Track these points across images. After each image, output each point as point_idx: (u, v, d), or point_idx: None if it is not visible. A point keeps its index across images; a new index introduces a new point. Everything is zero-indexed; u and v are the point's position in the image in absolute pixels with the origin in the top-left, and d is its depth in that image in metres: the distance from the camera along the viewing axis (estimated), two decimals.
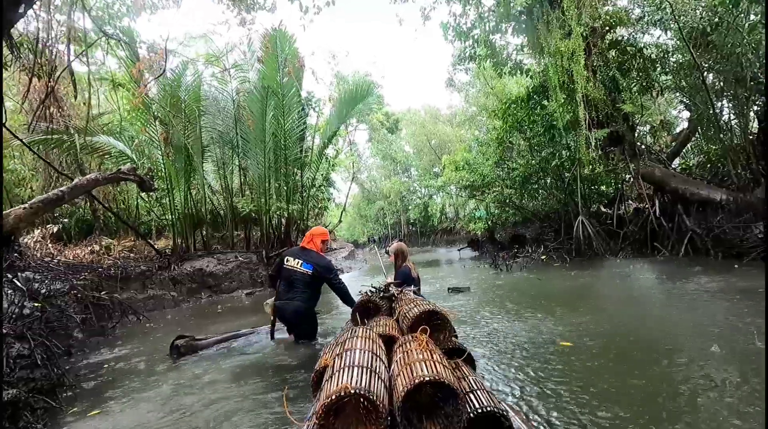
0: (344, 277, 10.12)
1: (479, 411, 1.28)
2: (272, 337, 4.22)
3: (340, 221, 19.29)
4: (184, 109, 9.69)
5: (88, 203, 10.44)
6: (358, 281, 9.19)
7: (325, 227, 19.64)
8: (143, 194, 11.13)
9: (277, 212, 10.57)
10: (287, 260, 3.93)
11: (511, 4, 9.08)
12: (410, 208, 33.92)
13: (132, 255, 9.40)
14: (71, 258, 8.02)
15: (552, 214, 12.96)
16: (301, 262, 3.87)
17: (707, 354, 2.90)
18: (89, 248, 8.97)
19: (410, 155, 34.42)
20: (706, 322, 3.72)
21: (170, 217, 10.18)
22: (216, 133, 10.73)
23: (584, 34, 8.68)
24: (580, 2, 8.51)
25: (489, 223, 16.54)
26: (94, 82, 11.72)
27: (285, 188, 10.89)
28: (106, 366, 3.87)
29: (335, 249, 16.75)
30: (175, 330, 5.38)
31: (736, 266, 6.72)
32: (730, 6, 6.62)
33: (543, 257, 10.76)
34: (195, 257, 9.85)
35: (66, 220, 10.51)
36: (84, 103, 9.91)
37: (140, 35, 10.69)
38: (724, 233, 7.91)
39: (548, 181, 12.62)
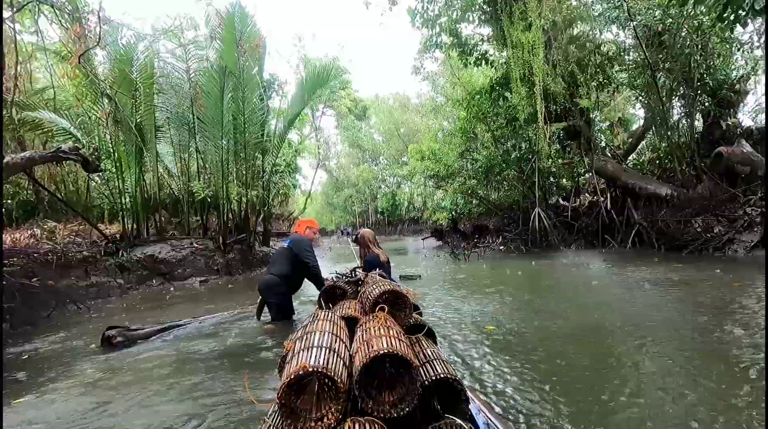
0: None
1: (433, 378, 1.37)
2: (258, 318, 4.34)
3: (304, 208, 18.98)
4: (136, 86, 9.12)
5: (31, 184, 9.76)
6: (324, 269, 9.11)
7: (290, 214, 19.29)
8: (95, 176, 10.49)
9: (236, 198, 10.23)
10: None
11: None
12: (379, 196, 33.89)
13: (79, 240, 8.88)
14: (8, 242, 7.49)
15: (514, 206, 13.24)
16: (285, 241, 4.35)
17: (626, 335, 3.07)
18: (30, 232, 8.40)
19: (379, 143, 34.24)
20: (635, 307, 3.95)
21: (121, 200, 9.65)
22: (172, 113, 10.20)
23: (545, 27, 8.79)
24: None
25: (453, 213, 16.74)
26: (39, 55, 10.91)
27: (244, 173, 10.53)
28: (25, 357, 3.62)
29: None
30: (120, 319, 5.13)
31: (679, 264, 7.08)
32: (679, 6, 6.83)
33: (501, 247, 11.01)
34: (147, 243, 9.42)
35: (9, 201, 9.80)
36: (21, 76, 9.19)
37: (89, 4, 9.95)
38: (667, 226, 8.34)
39: (511, 173, 12.85)
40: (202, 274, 9.38)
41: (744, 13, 3.75)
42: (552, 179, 12.26)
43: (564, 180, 12.42)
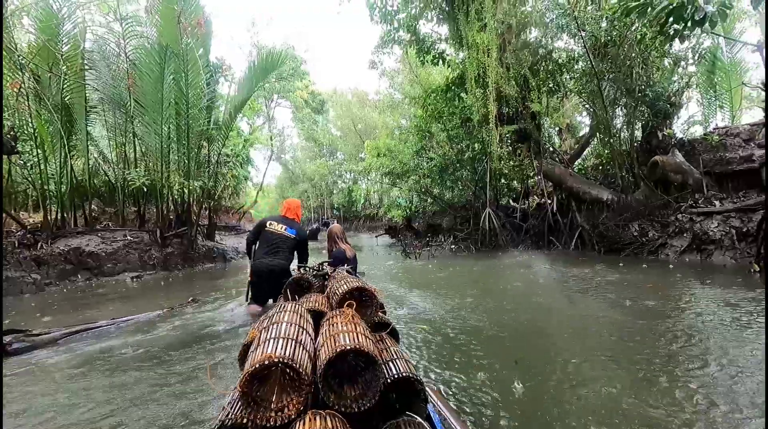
0: None
1: (395, 376, 1.40)
2: (247, 300, 4.24)
3: (255, 201, 18.28)
4: (57, 59, 8.21)
5: None
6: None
7: (241, 207, 18.49)
8: (15, 159, 9.40)
9: (178, 188, 9.56)
10: (270, 224, 4.14)
11: None
12: (335, 192, 33.45)
13: None
14: None
15: (466, 206, 13.41)
16: (285, 227, 4.14)
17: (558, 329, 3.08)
18: None
19: (336, 138, 33.71)
20: (566, 308, 4.05)
21: (42, 186, 8.72)
22: (106, 93, 9.34)
23: (500, 29, 8.89)
24: None
25: (408, 211, 16.76)
26: None
27: (187, 162, 9.86)
28: None
29: (248, 230, 15.83)
30: (31, 320, 4.57)
31: (611, 267, 7.39)
32: (622, 16, 7.10)
33: (453, 247, 11.10)
34: (72, 234, 8.59)
35: None
36: None
37: None
38: (607, 230, 8.72)
39: (464, 173, 12.99)
40: (136, 270, 8.71)
41: (683, 26, 3.88)
42: (503, 181, 12.53)
43: (514, 182, 12.73)
